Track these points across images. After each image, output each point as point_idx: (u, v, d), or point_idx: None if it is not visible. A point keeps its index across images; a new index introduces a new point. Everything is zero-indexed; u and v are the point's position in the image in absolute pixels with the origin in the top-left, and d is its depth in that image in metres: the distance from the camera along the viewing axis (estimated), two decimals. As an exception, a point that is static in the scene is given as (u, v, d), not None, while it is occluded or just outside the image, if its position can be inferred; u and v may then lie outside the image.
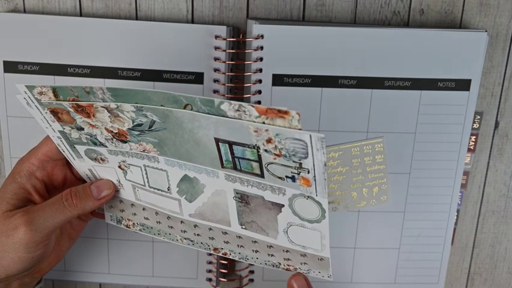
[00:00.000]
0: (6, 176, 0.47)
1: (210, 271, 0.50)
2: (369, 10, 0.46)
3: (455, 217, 0.50)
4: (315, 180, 0.33)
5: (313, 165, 0.32)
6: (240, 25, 0.46)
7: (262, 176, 0.35)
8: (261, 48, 0.43)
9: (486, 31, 0.45)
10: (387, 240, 0.49)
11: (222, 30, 0.44)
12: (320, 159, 0.32)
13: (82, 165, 0.42)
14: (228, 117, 0.32)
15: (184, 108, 0.33)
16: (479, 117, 0.49)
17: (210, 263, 0.50)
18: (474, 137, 0.49)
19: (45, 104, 0.37)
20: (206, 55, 0.44)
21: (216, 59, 0.44)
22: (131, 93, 0.34)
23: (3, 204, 0.39)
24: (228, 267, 0.50)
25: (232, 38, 0.45)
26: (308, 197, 0.35)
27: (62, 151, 0.41)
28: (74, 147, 0.40)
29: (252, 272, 0.50)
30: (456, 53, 0.45)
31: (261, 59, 0.44)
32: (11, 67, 0.45)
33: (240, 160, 0.35)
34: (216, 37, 0.44)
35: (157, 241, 0.49)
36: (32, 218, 0.38)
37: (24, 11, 0.46)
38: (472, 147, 0.49)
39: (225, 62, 0.44)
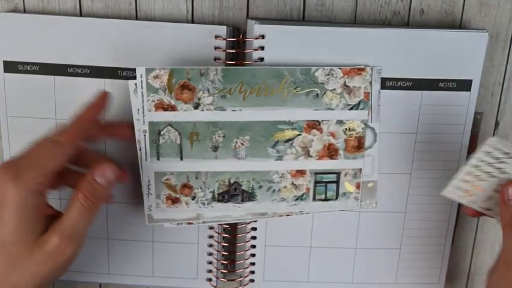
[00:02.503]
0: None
1: (210, 271, 0.50)
2: (369, 10, 0.46)
3: (455, 217, 0.50)
4: (371, 108, 0.44)
5: (371, 96, 0.44)
6: (240, 25, 0.46)
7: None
8: (262, 48, 0.43)
9: (487, 31, 0.45)
10: (387, 240, 0.49)
11: (222, 30, 0.44)
12: (376, 89, 0.44)
13: (149, 167, 0.44)
14: (318, 83, 0.43)
15: (284, 80, 0.43)
16: (479, 117, 0.49)
17: (210, 263, 0.50)
18: (474, 137, 0.49)
19: (153, 89, 0.43)
20: (206, 55, 0.44)
21: (216, 58, 0.44)
22: (239, 71, 0.43)
23: (29, 236, 0.37)
24: (228, 267, 0.50)
25: (232, 38, 0.45)
26: (365, 124, 0.45)
27: (138, 149, 0.43)
28: (157, 144, 0.44)
29: (252, 272, 0.50)
30: (457, 53, 0.45)
31: (262, 59, 0.44)
32: (11, 67, 0.45)
33: None
34: (216, 37, 0.44)
35: (157, 241, 0.49)
36: (69, 235, 0.37)
37: (24, 11, 0.46)
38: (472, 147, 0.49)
39: (225, 61, 0.44)
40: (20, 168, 0.36)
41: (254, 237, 0.49)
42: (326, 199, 0.46)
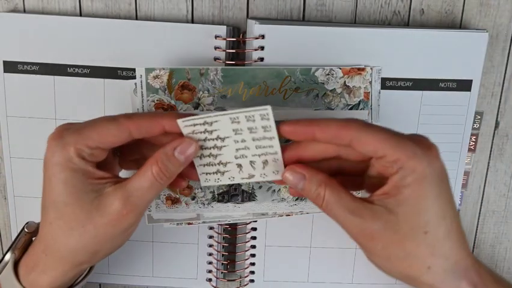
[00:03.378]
0: (6, 176, 0.47)
1: (210, 271, 0.50)
2: (369, 10, 0.46)
3: (455, 217, 0.50)
4: (371, 108, 0.44)
5: (371, 96, 0.44)
6: (240, 25, 0.46)
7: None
8: (262, 48, 0.43)
9: (487, 31, 0.45)
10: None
11: (222, 30, 0.44)
12: (376, 89, 0.44)
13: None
14: (318, 82, 0.44)
15: (284, 80, 0.43)
16: (479, 117, 0.49)
17: (210, 263, 0.50)
18: (474, 137, 0.49)
19: (153, 89, 0.42)
20: (206, 55, 0.44)
21: (216, 58, 0.44)
22: (239, 71, 0.43)
23: (83, 196, 0.34)
24: (228, 267, 0.50)
25: (232, 38, 0.45)
26: None
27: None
28: None
29: (252, 272, 0.50)
30: (457, 53, 0.45)
31: (262, 59, 0.44)
32: (11, 67, 0.45)
33: None
34: (216, 37, 0.44)
35: (157, 241, 0.49)
36: (133, 203, 0.35)
37: (24, 11, 0.46)
38: (472, 147, 0.49)
39: (225, 61, 0.44)
40: (67, 131, 0.35)
41: (254, 237, 0.49)
42: None
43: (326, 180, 0.34)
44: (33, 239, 0.39)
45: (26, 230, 0.39)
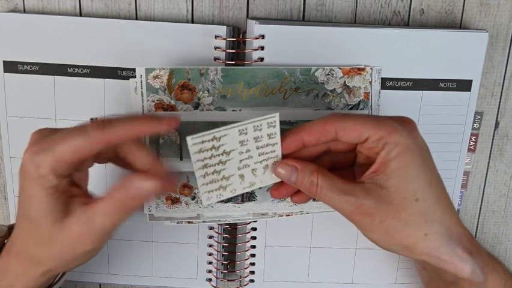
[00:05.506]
0: (6, 176, 0.47)
1: (209, 271, 0.50)
2: (369, 10, 0.46)
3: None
4: (371, 108, 0.44)
5: (371, 96, 0.44)
6: (240, 25, 0.46)
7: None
8: (262, 48, 0.43)
9: (487, 31, 0.45)
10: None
11: (222, 30, 0.44)
12: (375, 89, 0.44)
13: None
14: (318, 82, 0.43)
15: (284, 80, 0.43)
16: (479, 117, 0.49)
17: (210, 263, 0.50)
18: (474, 137, 0.49)
19: (153, 89, 0.42)
20: (206, 55, 0.44)
21: (215, 58, 0.44)
22: (239, 71, 0.43)
23: (52, 214, 0.34)
24: (227, 267, 0.50)
25: (232, 38, 0.45)
26: None
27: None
28: (157, 144, 0.44)
29: (252, 272, 0.50)
30: (457, 53, 0.45)
31: (262, 59, 0.44)
32: (11, 67, 0.45)
33: None
34: (216, 37, 0.44)
35: (157, 241, 0.49)
36: (96, 230, 0.34)
37: (24, 11, 0.46)
38: (472, 147, 0.49)
39: (225, 61, 0.44)
40: (42, 147, 0.34)
41: (254, 237, 0.49)
42: None
43: (317, 169, 0.36)
44: (5, 241, 0.39)
45: None
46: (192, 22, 0.46)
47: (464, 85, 0.46)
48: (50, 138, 0.35)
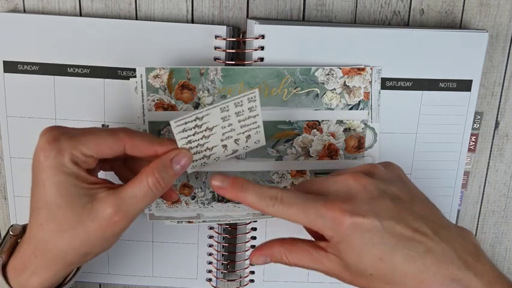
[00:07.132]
0: (6, 176, 0.47)
1: (209, 271, 0.50)
2: (369, 10, 0.46)
3: (456, 218, 0.50)
4: (371, 108, 0.45)
5: (371, 96, 0.44)
6: (240, 25, 0.46)
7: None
8: (262, 48, 0.43)
9: (487, 31, 0.45)
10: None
11: (222, 30, 0.44)
12: (375, 89, 0.44)
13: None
14: (318, 82, 0.44)
15: (284, 80, 0.43)
16: (479, 117, 0.49)
17: (210, 263, 0.50)
18: (474, 137, 0.49)
19: (153, 89, 0.43)
20: (206, 55, 0.44)
21: (215, 58, 0.44)
22: (239, 71, 0.43)
23: (75, 200, 0.35)
24: (227, 267, 0.50)
25: (232, 38, 0.45)
26: (365, 124, 0.45)
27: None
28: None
29: (252, 272, 0.50)
30: (457, 53, 0.45)
31: (262, 59, 0.44)
32: (11, 67, 0.45)
33: None
34: (216, 37, 0.44)
35: (157, 241, 0.49)
36: (125, 211, 0.35)
37: (24, 11, 0.46)
38: (472, 147, 0.49)
39: (225, 61, 0.44)
40: (64, 136, 0.35)
41: (254, 237, 0.49)
42: None
43: (282, 248, 0.39)
44: (18, 241, 0.39)
45: (11, 233, 0.39)
46: (192, 22, 0.46)
47: (464, 85, 0.46)
48: (72, 129, 0.36)
